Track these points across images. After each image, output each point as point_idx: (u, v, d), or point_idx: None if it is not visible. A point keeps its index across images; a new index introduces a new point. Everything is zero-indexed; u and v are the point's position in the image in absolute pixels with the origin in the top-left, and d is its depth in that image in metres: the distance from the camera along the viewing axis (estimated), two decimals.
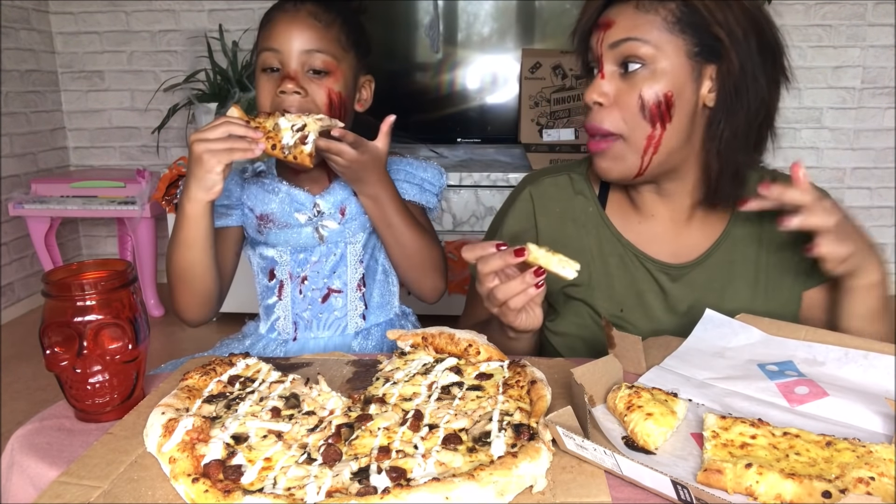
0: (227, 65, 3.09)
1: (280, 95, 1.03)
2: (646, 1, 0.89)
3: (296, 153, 0.95)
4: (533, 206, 1.06)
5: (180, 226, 0.99)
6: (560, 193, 1.06)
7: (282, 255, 1.16)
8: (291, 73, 1.03)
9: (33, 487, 0.65)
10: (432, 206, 1.19)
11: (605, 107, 0.92)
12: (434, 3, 3.02)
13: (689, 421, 0.70)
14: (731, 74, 0.90)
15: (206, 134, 0.93)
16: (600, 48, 0.92)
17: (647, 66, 0.89)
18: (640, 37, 0.89)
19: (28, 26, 3.22)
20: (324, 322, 1.18)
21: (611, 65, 0.92)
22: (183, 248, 1.01)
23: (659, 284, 1.02)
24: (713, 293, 1.01)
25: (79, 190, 2.98)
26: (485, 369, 0.77)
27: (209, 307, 1.08)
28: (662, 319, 1.02)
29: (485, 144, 3.18)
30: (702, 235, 1.02)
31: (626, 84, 0.90)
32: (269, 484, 0.58)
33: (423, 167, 1.19)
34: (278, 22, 1.05)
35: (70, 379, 0.73)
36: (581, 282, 1.02)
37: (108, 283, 0.74)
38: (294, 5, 1.05)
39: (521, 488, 0.57)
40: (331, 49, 1.05)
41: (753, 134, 0.94)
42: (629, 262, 1.02)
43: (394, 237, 1.09)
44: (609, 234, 1.03)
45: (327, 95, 1.05)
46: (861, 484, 0.56)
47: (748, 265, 1.01)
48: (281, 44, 1.03)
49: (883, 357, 0.78)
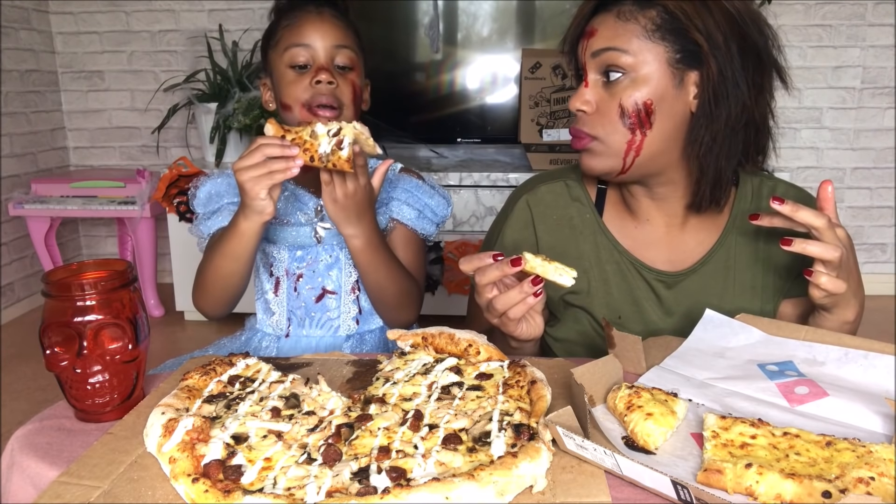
0: (227, 65, 3.09)
1: (315, 86, 1.09)
2: (626, 9, 0.90)
3: (334, 160, 0.94)
4: (531, 215, 1.06)
5: (230, 239, 1.01)
6: (557, 201, 1.06)
7: (280, 251, 1.18)
8: (325, 65, 1.09)
9: (33, 487, 0.65)
10: (428, 234, 1.19)
11: (588, 114, 0.94)
12: (434, 3, 3.01)
13: (689, 421, 0.70)
14: (711, 80, 0.89)
15: (244, 162, 0.94)
16: (584, 56, 0.94)
17: (627, 75, 0.90)
18: (619, 46, 0.89)
19: (28, 26, 3.22)
20: (316, 321, 1.19)
21: (594, 73, 0.93)
22: (228, 260, 1.04)
23: (655, 292, 1.02)
24: (709, 299, 1.01)
25: (79, 190, 2.98)
26: (485, 369, 0.77)
27: (234, 304, 1.14)
28: (659, 325, 1.02)
29: (485, 144, 3.18)
30: (697, 241, 1.02)
31: (607, 92, 0.92)
32: (269, 484, 0.58)
33: (429, 193, 1.19)
34: (306, 20, 1.10)
35: (70, 379, 0.73)
36: (580, 289, 1.02)
37: (108, 283, 0.74)
38: (316, 7, 1.11)
39: (521, 488, 0.57)
40: (352, 45, 1.12)
41: (737, 140, 0.93)
42: (626, 270, 1.03)
43: (368, 277, 1.10)
44: (606, 241, 1.03)
45: (352, 89, 1.12)
46: (861, 484, 0.56)
47: (744, 271, 1.02)
48: (312, 40, 1.09)
49: (883, 357, 0.78)
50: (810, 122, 3.28)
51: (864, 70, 3.21)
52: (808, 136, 3.29)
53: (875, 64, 3.19)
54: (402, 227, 1.18)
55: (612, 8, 0.91)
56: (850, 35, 3.16)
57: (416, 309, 1.17)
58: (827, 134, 3.29)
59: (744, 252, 1.02)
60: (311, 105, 1.09)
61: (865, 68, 3.20)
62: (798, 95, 3.24)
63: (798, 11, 3.14)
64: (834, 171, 3.32)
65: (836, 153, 3.31)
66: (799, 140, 3.30)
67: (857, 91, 3.23)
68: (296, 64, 1.09)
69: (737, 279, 1.02)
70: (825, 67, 3.21)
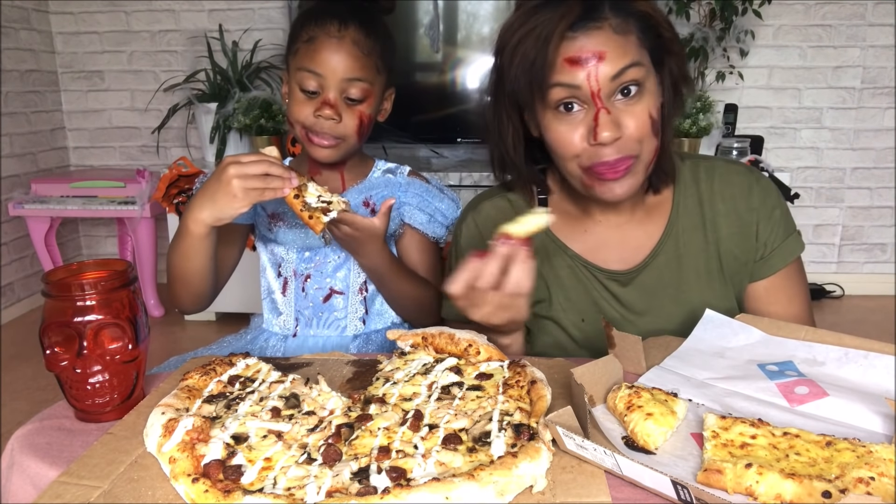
0: (227, 65, 3.09)
1: (316, 117, 1.07)
2: (615, 23, 0.86)
3: (315, 215, 0.95)
4: (479, 232, 1.06)
5: (181, 238, 0.99)
6: (500, 215, 1.04)
7: (288, 252, 1.19)
8: (331, 101, 1.06)
9: (33, 487, 0.65)
10: (439, 237, 1.20)
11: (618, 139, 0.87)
12: (434, 3, 3.01)
13: (689, 421, 0.70)
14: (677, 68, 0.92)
15: (245, 167, 0.91)
16: (596, 83, 0.85)
17: (644, 86, 0.88)
18: (637, 60, 0.87)
19: (28, 26, 3.22)
20: (324, 321, 1.20)
21: (612, 94, 0.87)
22: (182, 258, 1.02)
23: (611, 292, 1.02)
24: (667, 291, 1.01)
25: (79, 190, 2.98)
26: (485, 369, 0.77)
27: (203, 302, 1.11)
28: (623, 323, 1.02)
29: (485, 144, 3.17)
30: (645, 235, 1.02)
31: (628, 109, 0.87)
32: (269, 484, 0.58)
33: (439, 197, 1.19)
34: (322, 46, 1.05)
35: (70, 379, 0.73)
36: (542, 298, 1.03)
37: (108, 283, 0.74)
38: (339, 30, 1.06)
39: (521, 488, 0.57)
40: (368, 77, 1.08)
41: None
42: (579, 272, 1.03)
43: (388, 294, 1.16)
44: (555, 248, 1.03)
45: (358, 120, 1.09)
46: (861, 484, 0.56)
47: (697, 256, 1.02)
48: (325, 69, 1.05)
49: (883, 357, 0.78)
50: (810, 122, 3.28)
51: (864, 70, 3.21)
52: (808, 136, 3.29)
53: (875, 64, 3.19)
54: (413, 232, 1.18)
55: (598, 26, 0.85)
56: (850, 35, 3.16)
57: (435, 313, 1.17)
58: (827, 134, 3.29)
59: (692, 238, 1.02)
60: (311, 132, 1.09)
61: (865, 68, 3.20)
62: (798, 95, 3.24)
63: (798, 11, 3.14)
64: (834, 171, 3.32)
65: (836, 153, 3.31)
66: (799, 140, 3.29)
67: (857, 91, 3.23)
68: (306, 89, 1.07)
69: (690, 266, 1.01)
70: (825, 67, 3.21)
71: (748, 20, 2.93)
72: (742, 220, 1.01)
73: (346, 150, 1.12)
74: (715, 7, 2.84)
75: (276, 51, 3.22)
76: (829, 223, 3.38)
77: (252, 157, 0.93)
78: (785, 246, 1.01)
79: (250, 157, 0.93)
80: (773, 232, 1.01)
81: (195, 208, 0.95)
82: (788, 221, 1.03)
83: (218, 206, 0.93)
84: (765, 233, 1.01)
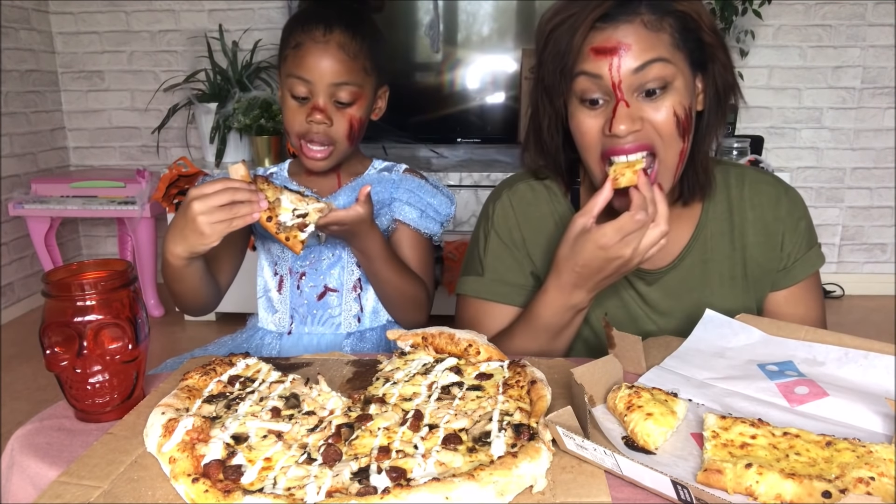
0: (227, 65, 3.09)
1: (308, 123, 1.08)
2: (648, 19, 0.86)
3: (290, 235, 0.93)
4: (514, 210, 1.05)
5: (165, 265, 0.97)
6: (537, 198, 1.05)
7: (283, 250, 1.19)
8: (321, 106, 1.07)
9: (33, 487, 0.65)
10: (433, 233, 1.20)
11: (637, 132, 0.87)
12: (434, 3, 3.01)
13: (689, 421, 0.70)
14: (721, 76, 0.91)
15: (209, 200, 0.88)
16: (618, 74, 0.85)
17: (671, 84, 0.87)
18: (664, 56, 0.86)
19: (28, 26, 3.22)
20: (318, 318, 1.20)
21: (634, 89, 0.87)
22: (171, 281, 1.02)
23: (636, 290, 1.03)
24: (691, 293, 1.02)
25: (79, 190, 2.98)
26: (485, 369, 0.77)
27: (207, 308, 1.12)
28: (645, 321, 1.03)
29: (485, 144, 3.17)
30: (674, 236, 1.02)
31: (651, 106, 0.87)
32: (269, 484, 0.58)
33: (432, 193, 1.19)
34: (308, 52, 1.06)
35: (70, 379, 0.73)
36: None
37: (108, 283, 0.74)
38: (324, 34, 1.06)
39: (521, 488, 0.57)
40: (357, 79, 1.09)
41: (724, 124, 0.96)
42: None
43: (378, 283, 1.15)
44: None
45: (349, 123, 1.10)
46: (861, 484, 0.56)
47: (722, 261, 1.02)
48: (311, 75, 1.06)
49: (883, 357, 0.78)
50: (810, 122, 3.27)
51: (864, 70, 3.20)
52: (808, 136, 3.29)
53: (875, 64, 3.19)
54: (405, 228, 1.18)
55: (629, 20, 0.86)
56: (850, 35, 3.16)
57: (425, 311, 1.17)
58: (827, 134, 3.29)
59: (719, 244, 1.02)
60: (304, 139, 1.10)
61: (865, 68, 3.20)
62: (798, 95, 3.24)
63: (798, 11, 3.13)
64: (834, 171, 3.32)
65: (836, 153, 3.31)
66: (799, 140, 3.29)
67: (857, 91, 3.23)
68: (296, 95, 1.08)
69: (714, 271, 1.02)
70: (825, 67, 3.21)
71: (748, 20, 2.93)
72: (769, 230, 1.01)
73: (338, 156, 1.13)
74: (715, 7, 2.84)
75: (275, 51, 3.18)
76: (829, 223, 3.38)
77: (216, 185, 0.89)
78: (807, 258, 1.03)
79: (214, 186, 0.89)
80: (798, 244, 1.02)
81: (170, 242, 0.94)
82: (812, 234, 1.04)
83: (189, 243, 0.91)
84: (790, 244, 1.02)
